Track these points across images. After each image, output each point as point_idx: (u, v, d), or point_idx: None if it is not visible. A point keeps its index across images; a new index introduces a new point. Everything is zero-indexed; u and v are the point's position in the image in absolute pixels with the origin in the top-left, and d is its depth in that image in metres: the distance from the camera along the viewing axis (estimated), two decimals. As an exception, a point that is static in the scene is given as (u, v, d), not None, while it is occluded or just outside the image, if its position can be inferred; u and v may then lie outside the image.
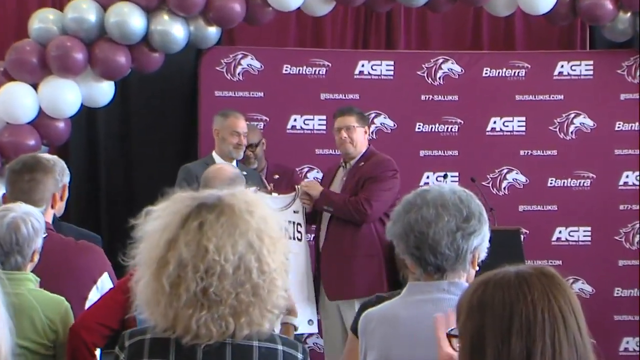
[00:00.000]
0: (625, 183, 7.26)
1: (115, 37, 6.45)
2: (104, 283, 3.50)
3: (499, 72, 7.30)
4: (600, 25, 7.05)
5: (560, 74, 7.30)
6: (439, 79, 7.28)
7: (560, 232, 7.27)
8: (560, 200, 7.24)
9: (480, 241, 2.49)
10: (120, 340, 2.22)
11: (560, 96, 7.27)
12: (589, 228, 7.25)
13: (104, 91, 6.64)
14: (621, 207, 7.22)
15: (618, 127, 7.25)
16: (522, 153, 7.28)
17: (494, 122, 7.29)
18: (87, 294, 3.45)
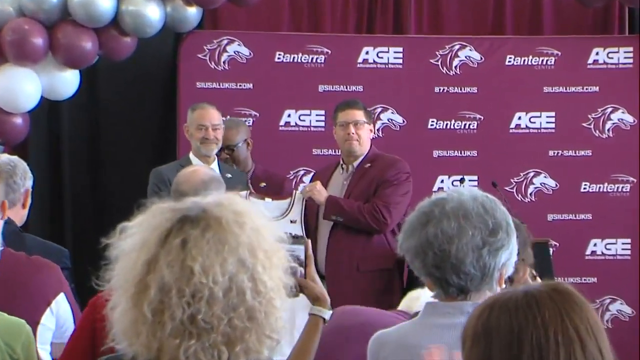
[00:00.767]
0: (671, 189, 7.24)
1: (80, 19, 6.44)
2: (60, 305, 3.46)
3: (524, 61, 7.29)
4: (640, 7, 7.07)
5: (595, 62, 7.31)
6: (455, 68, 7.28)
7: (595, 245, 7.29)
8: (595, 208, 7.27)
9: (508, 256, 2.50)
10: None
11: (596, 88, 7.29)
12: (629, 240, 7.26)
13: (67, 81, 6.64)
14: (666, 217, 7.21)
15: (662, 124, 7.25)
16: (551, 154, 7.29)
17: (519, 118, 7.29)
18: (40, 318, 3.40)
